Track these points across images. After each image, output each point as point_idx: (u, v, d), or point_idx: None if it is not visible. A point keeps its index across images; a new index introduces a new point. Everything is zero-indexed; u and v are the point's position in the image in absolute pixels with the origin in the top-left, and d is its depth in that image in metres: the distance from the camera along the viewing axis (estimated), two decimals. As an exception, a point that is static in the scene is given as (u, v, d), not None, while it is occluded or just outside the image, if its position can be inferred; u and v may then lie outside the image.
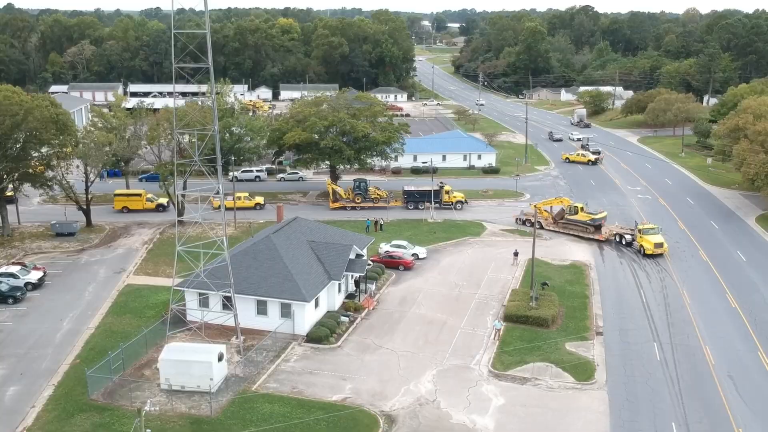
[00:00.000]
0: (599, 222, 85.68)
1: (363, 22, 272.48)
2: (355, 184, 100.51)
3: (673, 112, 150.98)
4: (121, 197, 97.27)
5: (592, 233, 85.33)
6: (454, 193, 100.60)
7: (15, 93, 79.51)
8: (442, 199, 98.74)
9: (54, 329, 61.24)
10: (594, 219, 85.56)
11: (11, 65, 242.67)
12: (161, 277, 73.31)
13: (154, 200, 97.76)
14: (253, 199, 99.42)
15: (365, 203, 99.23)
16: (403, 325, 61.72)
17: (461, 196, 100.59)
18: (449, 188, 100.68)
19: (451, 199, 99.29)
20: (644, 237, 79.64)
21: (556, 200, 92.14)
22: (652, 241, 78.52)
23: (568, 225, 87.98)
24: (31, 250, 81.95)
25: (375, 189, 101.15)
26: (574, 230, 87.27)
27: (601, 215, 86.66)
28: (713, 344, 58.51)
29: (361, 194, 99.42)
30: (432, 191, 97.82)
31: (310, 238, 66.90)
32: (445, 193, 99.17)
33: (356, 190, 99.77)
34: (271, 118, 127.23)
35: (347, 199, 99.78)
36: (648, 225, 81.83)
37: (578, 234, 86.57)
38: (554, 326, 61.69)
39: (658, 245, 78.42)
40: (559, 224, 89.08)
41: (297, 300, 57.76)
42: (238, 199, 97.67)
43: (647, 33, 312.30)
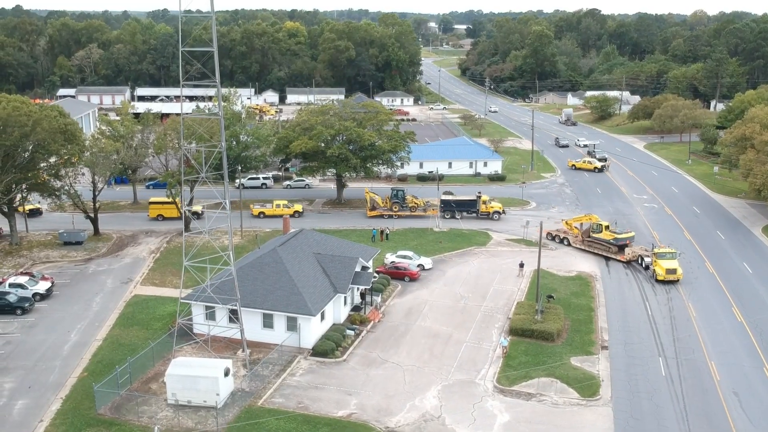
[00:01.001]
0: (623, 242, 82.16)
1: (369, 25, 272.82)
2: (393, 192, 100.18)
3: (680, 118, 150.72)
4: (157, 205, 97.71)
5: (615, 254, 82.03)
6: (492, 203, 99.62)
7: (24, 104, 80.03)
8: (479, 209, 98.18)
9: (62, 341, 61.66)
10: (617, 238, 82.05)
11: (20, 69, 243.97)
12: (168, 287, 73.69)
13: (189, 209, 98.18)
14: (293, 207, 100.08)
15: (402, 212, 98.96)
16: (409, 338, 61.92)
17: (499, 207, 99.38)
18: (486, 198, 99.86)
19: (489, 209, 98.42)
20: (658, 262, 75.63)
21: (585, 217, 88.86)
22: (664, 267, 74.62)
23: (593, 243, 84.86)
24: (38, 259, 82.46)
25: (412, 198, 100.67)
26: (598, 249, 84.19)
27: (626, 235, 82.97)
28: (719, 360, 58.49)
29: (399, 203, 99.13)
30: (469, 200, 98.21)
31: (316, 250, 67.17)
32: (482, 203, 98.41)
33: (394, 198, 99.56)
34: (277, 124, 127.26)
35: (385, 208, 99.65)
36: (665, 249, 77.94)
37: (602, 253, 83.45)
38: (559, 340, 61.78)
39: (670, 271, 74.31)
40: (585, 242, 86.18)
41: (303, 314, 58.02)
42: (277, 207, 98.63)
43: (654, 36, 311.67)
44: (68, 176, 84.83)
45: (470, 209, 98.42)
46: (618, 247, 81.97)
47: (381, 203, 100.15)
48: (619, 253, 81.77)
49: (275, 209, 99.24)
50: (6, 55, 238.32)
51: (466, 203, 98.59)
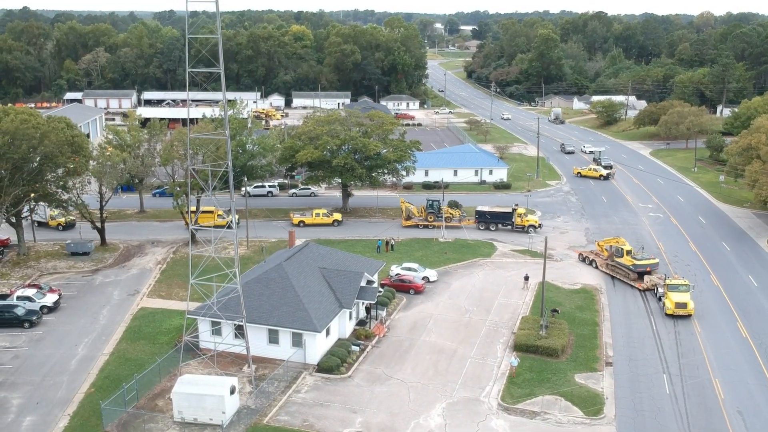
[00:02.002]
0: (643, 269, 78.03)
1: (375, 29, 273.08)
2: (428, 202, 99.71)
3: (686, 125, 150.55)
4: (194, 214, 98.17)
5: (634, 280, 78.00)
6: (528, 217, 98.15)
7: (32, 116, 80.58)
8: (514, 222, 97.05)
9: (69, 355, 62.13)
10: (635, 265, 78.07)
11: (27, 72, 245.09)
12: (174, 300, 74.11)
13: (226, 217, 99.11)
14: (332, 216, 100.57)
15: (437, 222, 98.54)
16: (413, 353, 62.16)
17: (534, 221, 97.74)
18: (522, 211, 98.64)
19: (524, 223, 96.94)
20: (669, 294, 70.81)
21: (613, 239, 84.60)
22: (674, 300, 69.79)
23: (615, 268, 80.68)
24: (46, 270, 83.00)
25: (447, 208, 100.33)
26: (619, 274, 79.97)
27: (647, 262, 78.71)
28: (723, 377, 58.55)
29: (434, 213, 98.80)
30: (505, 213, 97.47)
31: (321, 264, 67.48)
32: (517, 216, 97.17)
33: (429, 208, 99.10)
34: (283, 132, 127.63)
35: (420, 218, 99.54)
36: (678, 280, 72.36)
37: (623, 279, 79.36)
38: (564, 356, 61.93)
39: (679, 305, 69.44)
40: (608, 266, 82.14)
41: (308, 330, 58.34)
42: (317, 215, 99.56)
43: (661, 39, 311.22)
44: (75, 187, 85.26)
45: (505, 222, 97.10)
46: (638, 274, 78.18)
47: (416, 213, 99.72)
48: (637, 280, 77.97)
49: (314, 218, 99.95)
50: (13, 59, 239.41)
51: (501, 215, 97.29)
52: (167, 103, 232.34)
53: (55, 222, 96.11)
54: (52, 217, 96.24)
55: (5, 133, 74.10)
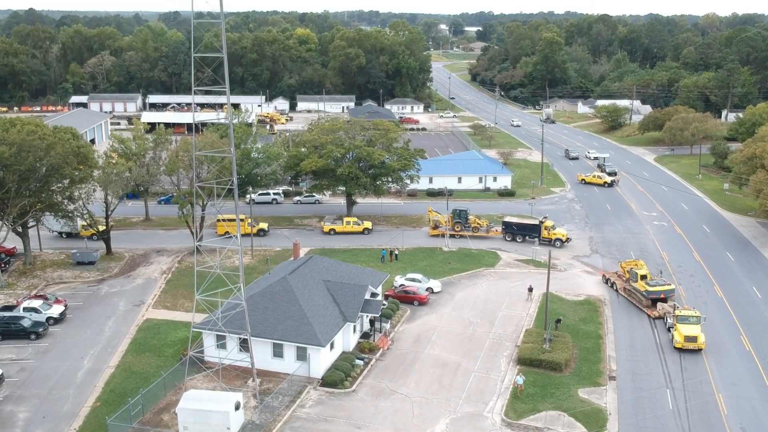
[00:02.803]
0: (656, 296, 73.76)
1: (380, 33, 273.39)
2: (455, 212, 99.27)
3: (691, 131, 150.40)
4: (225, 222, 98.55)
5: (647, 307, 74.22)
6: (555, 230, 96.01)
7: (38, 126, 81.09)
8: (541, 235, 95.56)
9: (75, 368, 62.50)
10: (648, 291, 73.97)
11: (33, 76, 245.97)
12: (179, 311, 74.48)
13: (255, 225, 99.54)
14: (362, 224, 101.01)
15: (465, 232, 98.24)
16: (417, 367, 62.37)
17: (562, 234, 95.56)
18: (550, 224, 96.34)
19: (551, 236, 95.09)
20: (678, 326, 66.52)
21: (632, 262, 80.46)
22: (683, 333, 65.27)
23: (631, 293, 77.56)
24: (52, 279, 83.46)
25: (475, 218, 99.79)
26: (634, 299, 76.40)
27: (661, 288, 74.12)
28: (726, 391, 58.63)
29: (461, 223, 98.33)
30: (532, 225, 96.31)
31: (325, 277, 67.76)
32: (544, 229, 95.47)
33: (456, 218, 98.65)
34: (287, 139, 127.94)
35: (447, 227, 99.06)
36: (688, 311, 67.87)
37: (636, 305, 75.94)
38: (567, 370, 62.09)
39: (689, 339, 64.89)
40: (625, 290, 78.65)
41: (312, 344, 58.63)
42: (347, 224, 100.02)
43: (665, 42, 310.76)
44: (81, 197, 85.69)
45: (532, 234, 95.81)
46: (651, 301, 74.06)
47: (444, 222, 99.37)
48: (651, 307, 73.96)
49: (345, 226, 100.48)
50: (19, 62, 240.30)
51: (527, 227, 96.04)
52: (172, 107, 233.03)
53: (88, 232, 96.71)
54: (84, 227, 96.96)
55: (12, 145, 74.54)
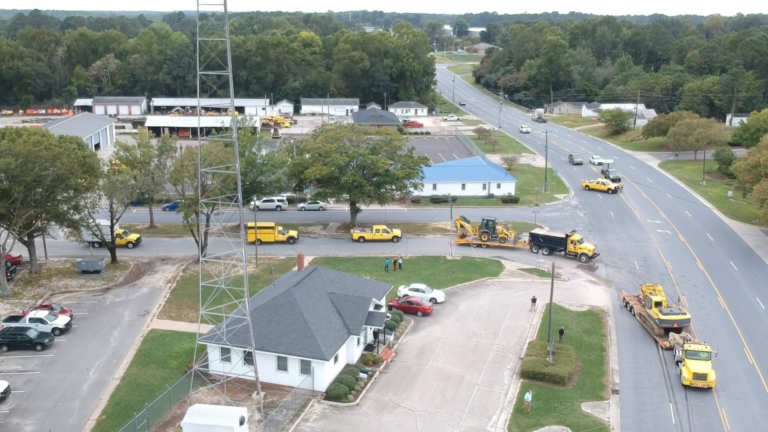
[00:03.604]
0: (669, 325, 69.65)
1: (384, 36, 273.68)
2: (483, 222, 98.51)
3: (695, 136, 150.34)
4: (254, 230, 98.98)
5: (659, 335, 70.02)
6: (582, 245, 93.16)
7: (44, 137, 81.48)
8: (567, 248, 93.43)
9: (81, 379, 62.87)
10: (660, 320, 69.99)
11: (38, 79, 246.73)
12: (184, 321, 74.84)
13: (285, 233, 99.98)
14: (392, 232, 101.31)
15: (492, 242, 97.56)
16: (421, 380, 62.60)
17: (588, 249, 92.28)
18: (577, 238, 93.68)
19: (576, 250, 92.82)
20: (687, 361, 62.09)
21: (651, 286, 76.71)
22: (692, 370, 60.88)
23: (645, 319, 73.39)
24: (57, 288, 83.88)
25: (503, 228, 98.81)
26: (647, 326, 72.54)
27: (675, 317, 69.94)
28: (729, 406, 58.74)
29: (488, 233, 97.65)
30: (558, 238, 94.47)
31: (330, 289, 68.03)
32: (570, 242, 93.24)
33: (484, 228, 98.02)
34: (292, 146, 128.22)
35: (474, 236, 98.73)
36: (699, 346, 63.50)
37: (649, 331, 72.06)
38: (571, 383, 62.26)
39: (698, 376, 60.35)
40: (641, 315, 74.78)
41: (316, 358, 58.91)
42: (377, 232, 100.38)
43: (670, 45, 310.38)
44: (87, 207, 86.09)
45: (558, 247, 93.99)
46: (664, 330, 70.18)
47: (471, 231, 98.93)
48: (663, 336, 69.74)
49: (374, 234, 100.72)
50: (24, 65, 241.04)
51: (554, 240, 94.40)
52: (177, 110, 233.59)
53: (124, 240, 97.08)
54: (119, 235, 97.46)
55: (18, 156, 74.94)
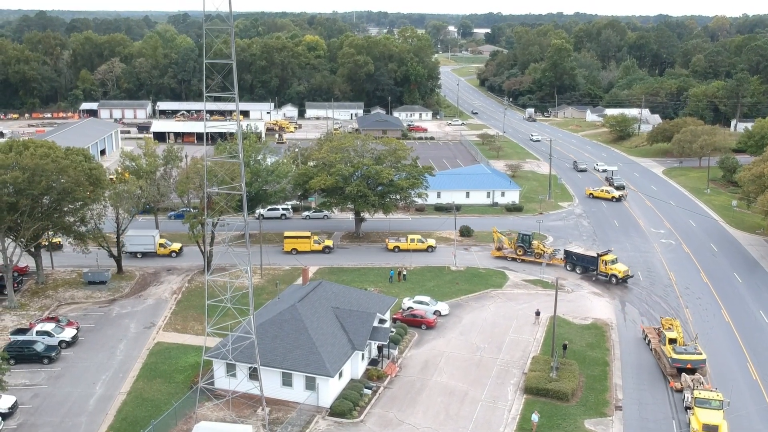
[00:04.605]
0: (682, 365, 65.33)
1: (388, 39, 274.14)
2: (520, 236, 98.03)
3: (699, 143, 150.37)
4: (291, 239, 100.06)
5: (671, 375, 66.02)
6: (614, 265, 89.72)
7: (51, 149, 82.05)
8: (598, 268, 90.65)
9: (87, 394, 63.36)
10: (674, 359, 65.80)
11: (43, 83, 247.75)
12: (190, 333, 75.31)
13: (321, 242, 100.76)
14: (426, 242, 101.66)
15: (527, 257, 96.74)
16: (425, 396, 62.93)
17: (619, 271, 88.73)
18: (609, 258, 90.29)
19: (607, 270, 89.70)
20: (696, 410, 57.92)
21: (669, 320, 72.18)
22: (701, 420, 56.44)
23: (659, 356, 69.43)
24: (64, 299, 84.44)
25: (539, 243, 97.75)
26: (660, 363, 68.85)
27: (689, 357, 65.34)
28: (732, 423, 58.79)
29: (523, 247, 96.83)
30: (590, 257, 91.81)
31: (334, 304, 68.42)
32: (601, 262, 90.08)
33: (519, 242, 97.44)
34: (297, 155, 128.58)
35: (510, 250, 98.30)
36: (709, 393, 58.72)
37: (662, 370, 68.03)
38: (574, 400, 62.52)
39: (708, 428, 55.78)
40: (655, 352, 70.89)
41: (321, 374, 59.30)
42: (411, 241, 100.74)
43: (675, 48, 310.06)
44: (93, 218, 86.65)
45: (590, 267, 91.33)
46: (677, 370, 65.91)
47: (508, 244, 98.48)
48: (675, 376, 65.69)
49: (410, 244, 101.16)
50: (30, 69, 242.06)
51: (586, 259, 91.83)
52: (182, 114, 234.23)
53: (167, 249, 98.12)
54: (161, 245, 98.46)
55: (25, 170, 75.50)
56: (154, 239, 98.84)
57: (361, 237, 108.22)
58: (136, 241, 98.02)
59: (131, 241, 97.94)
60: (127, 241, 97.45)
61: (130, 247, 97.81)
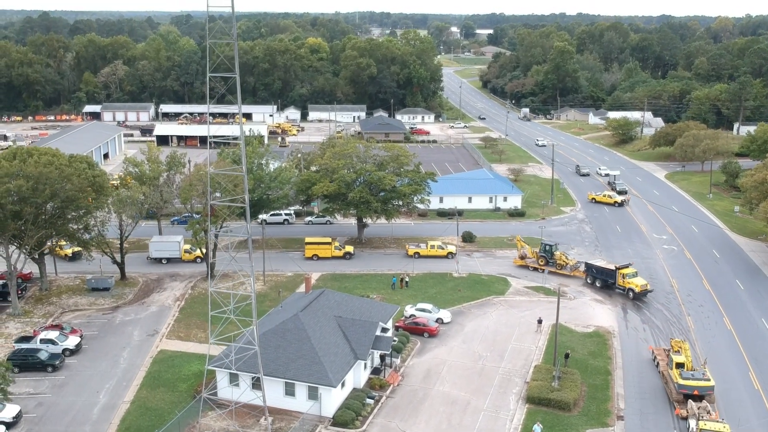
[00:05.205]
0: (689, 391, 62.64)
1: (391, 42, 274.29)
2: (542, 246, 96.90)
3: (702, 148, 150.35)
4: (312, 245, 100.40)
5: (677, 401, 63.22)
6: (632, 279, 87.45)
7: (55, 156, 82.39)
8: (617, 281, 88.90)
9: (91, 403, 63.63)
10: (680, 384, 62.85)
11: (47, 85, 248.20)
12: (193, 341, 75.55)
13: (342, 248, 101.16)
14: (446, 249, 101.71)
15: (548, 267, 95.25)
16: (427, 405, 63.12)
17: (636, 285, 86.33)
18: (628, 271, 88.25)
19: (624, 284, 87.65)
20: None
21: (678, 342, 68.62)
22: None
23: (666, 380, 66.73)
24: (68, 306, 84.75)
25: (561, 254, 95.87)
26: (667, 386, 66.02)
27: (698, 384, 62.68)
28: (734, 433, 59.09)
29: (545, 257, 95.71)
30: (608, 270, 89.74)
31: (337, 313, 68.64)
32: (619, 276, 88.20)
33: (542, 252, 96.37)
34: (299, 160, 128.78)
35: (533, 260, 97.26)
36: (716, 424, 57.09)
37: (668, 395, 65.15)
38: (576, 409, 62.69)
39: None
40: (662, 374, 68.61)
41: (324, 384, 59.55)
42: (431, 248, 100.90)
43: (677, 50, 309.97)
44: (96, 225, 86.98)
45: (608, 280, 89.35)
46: (683, 396, 63.16)
47: (531, 254, 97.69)
48: (681, 403, 62.96)
49: (429, 250, 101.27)
50: (34, 72, 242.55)
51: (605, 272, 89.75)
52: (185, 116, 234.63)
53: (192, 255, 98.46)
54: (186, 251, 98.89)
55: (29, 178, 75.84)
56: (179, 245, 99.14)
57: (363, 243, 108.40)
58: (161, 247, 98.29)
59: (156, 248, 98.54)
60: (152, 247, 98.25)
61: (155, 254, 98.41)
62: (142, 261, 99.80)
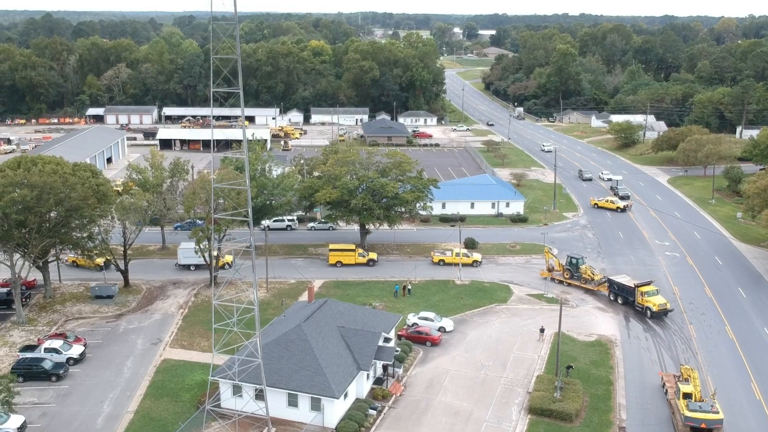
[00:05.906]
0: (695, 424, 60.00)
1: (394, 45, 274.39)
2: (569, 259, 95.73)
3: (704, 152, 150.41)
4: (336, 252, 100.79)
5: None
6: (651, 297, 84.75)
7: (59, 165, 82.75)
8: (636, 299, 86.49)
9: (95, 413, 63.93)
10: (686, 416, 60.23)
11: (50, 88, 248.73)
12: (196, 350, 75.84)
13: (365, 255, 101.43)
14: (471, 256, 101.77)
15: (573, 281, 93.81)
16: (430, 416, 63.34)
17: (654, 304, 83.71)
18: (647, 289, 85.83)
19: (644, 302, 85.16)
20: None
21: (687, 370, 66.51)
22: None
23: (673, 409, 64.57)
24: (71, 314, 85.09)
25: (587, 267, 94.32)
26: (674, 417, 63.27)
27: (705, 417, 59.87)
28: (735, 446, 59.23)
29: (571, 270, 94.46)
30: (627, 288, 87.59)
31: (339, 323, 68.86)
32: (638, 293, 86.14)
33: (567, 265, 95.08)
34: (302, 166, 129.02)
35: (558, 272, 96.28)
36: None
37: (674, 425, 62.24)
38: (578, 420, 62.87)
39: None
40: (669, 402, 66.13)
41: (326, 395, 59.79)
42: (456, 255, 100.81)
43: (680, 52, 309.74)
44: (101, 234, 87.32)
45: (628, 297, 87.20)
46: (690, 429, 60.43)
47: (558, 267, 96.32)
48: None
49: (455, 258, 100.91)
50: (37, 75, 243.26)
51: (624, 289, 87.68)
52: (188, 119, 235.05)
53: (220, 262, 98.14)
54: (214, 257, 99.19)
55: (33, 187, 76.18)
56: None
57: (366, 249, 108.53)
58: (190, 254, 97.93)
59: (184, 254, 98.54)
60: (180, 254, 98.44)
61: (183, 260, 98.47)
62: (145, 268, 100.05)
